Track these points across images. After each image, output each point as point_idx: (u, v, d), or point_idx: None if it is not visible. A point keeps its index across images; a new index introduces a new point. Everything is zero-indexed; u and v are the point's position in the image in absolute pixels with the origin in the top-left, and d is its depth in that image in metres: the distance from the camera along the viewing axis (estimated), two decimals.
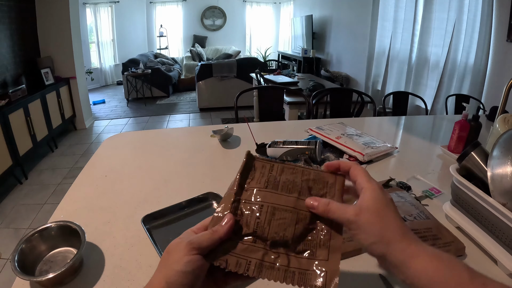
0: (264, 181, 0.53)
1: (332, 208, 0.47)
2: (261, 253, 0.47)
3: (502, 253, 0.83)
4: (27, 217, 3.00)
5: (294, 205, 0.50)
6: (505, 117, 1.35)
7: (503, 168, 0.83)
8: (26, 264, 0.79)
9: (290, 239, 0.48)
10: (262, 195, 0.51)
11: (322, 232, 0.49)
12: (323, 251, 0.47)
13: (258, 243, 0.48)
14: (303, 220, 0.49)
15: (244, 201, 0.51)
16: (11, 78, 4.16)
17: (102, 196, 1.18)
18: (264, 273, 0.46)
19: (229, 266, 0.45)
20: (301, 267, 0.46)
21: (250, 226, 0.48)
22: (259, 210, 0.49)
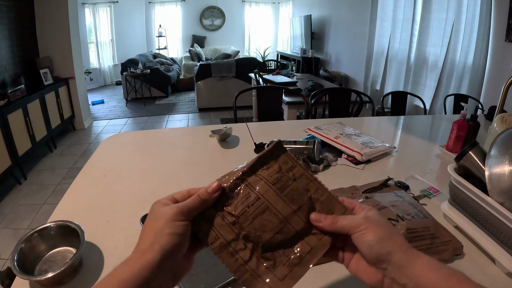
0: (276, 177, 0.51)
1: (340, 218, 0.48)
2: (231, 237, 0.47)
3: (500, 252, 0.84)
4: (26, 217, 3.00)
5: (286, 216, 0.49)
6: (503, 117, 1.35)
7: (501, 168, 0.83)
8: (25, 263, 0.79)
9: (263, 242, 0.48)
10: (265, 189, 0.49)
11: (294, 254, 0.49)
12: (283, 270, 0.48)
13: (235, 227, 0.48)
14: (285, 233, 0.49)
15: (247, 184, 0.50)
16: (10, 78, 4.15)
17: (101, 196, 1.18)
18: (223, 255, 0.47)
19: (199, 231, 0.47)
20: (256, 271, 0.47)
21: (237, 209, 0.48)
22: (253, 201, 0.49)
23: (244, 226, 0.48)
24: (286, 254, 0.49)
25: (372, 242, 0.44)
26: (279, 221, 0.48)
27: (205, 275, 0.80)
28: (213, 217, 0.48)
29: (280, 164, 0.52)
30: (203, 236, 0.47)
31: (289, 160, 0.53)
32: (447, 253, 0.86)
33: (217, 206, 0.49)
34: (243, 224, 0.48)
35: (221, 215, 0.48)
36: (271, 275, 0.47)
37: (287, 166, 0.52)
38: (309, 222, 0.50)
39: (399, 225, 0.86)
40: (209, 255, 0.87)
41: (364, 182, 1.23)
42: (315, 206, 0.51)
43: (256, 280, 0.47)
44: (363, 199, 1.01)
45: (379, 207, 0.94)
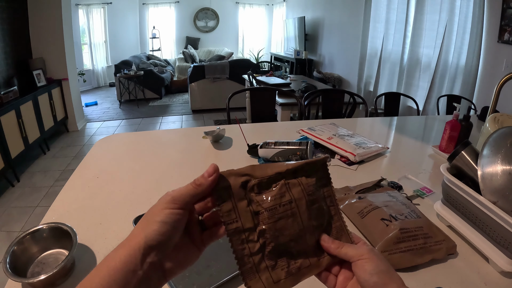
0: (311, 190, 0.51)
1: (346, 245, 0.50)
2: (248, 226, 0.47)
3: (493, 251, 0.84)
4: (19, 219, 2.98)
5: (305, 228, 0.49)
6: (495, 117, 1.37)
7: (493, 167, 0.84)
8: (18, 266, 0.78)
9: (275, 244, 0.48)
10: (300, 196, 0.49)
11: (294, 265, 0.49)
12: (280, 275, 0.48)
13: (256, 218, 0.47)
14: (298, 243, 0.49)
15: (286, 183, 0.49)
16: (3, 80, 4.13)
17: (94, 198, 1.17)
18: (234, 239, 0.46)
19: (222, 206, 0.46)
20: (257, 266, 0.48)
21: (267, 203, 0.48)
22: (286, 203, 0.48)
23: (266, 222, 0.47)
24: (288, 261, 0.49)
25: (373, 271, 0.46)
26: (299, 231, 0.49)
27: (198, 276, 0.80)
28: (240, 198, 0.47)
29: (318, 178, 0.52)
30: (223, 213, 0.46)
31: (325, 178, 0.54)
32: (440, 252, 0.86)
33: (248, 189, 0.48)
34: (267, 219, 0.47)
35: (248, 201, 0.48)
36: (267, 275, 0.48)
37: (322, 183, 0.53)
38: (317, 242, 0.51)
39: (392, 225, 0.86)
40: (202, 257, 0.87)
41: (357, 182, 1.23)
42: (330, 230, 0.52)
43: (253, 275, 0.47)
44: (356, 200, 1.02)
45: (372, 207, 0.94)
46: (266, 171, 0.49)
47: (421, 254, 0.84)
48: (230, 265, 0.84)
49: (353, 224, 0.99)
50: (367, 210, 0.93)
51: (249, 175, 0.48)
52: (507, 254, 0.81)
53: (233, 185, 0.47)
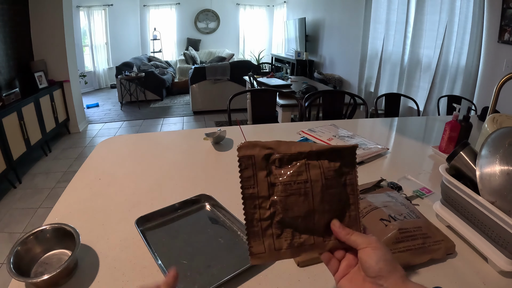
0: (331, 174, 0.53)
1: (356, 233, 0.53)
2: (263, 194, 0.51)
3: (492, 251, 0.85)
4: (21, 221, 2.99)
5: (315, 209, 0.52)
6: (494, 117, 1.37)
7: (492, 167, 0.84)
8: (21, 266, 0.79)
9: (283, 216, 0.51)
10: (317, 178, 0.52)
11: (298, 239, 0.53)
12: (282, 244, 0.52)
13: (271, 189, 0.51)
14: (305, 221, 0.52)
15: (307, 163, 0.52)
16: (5, 82, 4.14)
17: (96, 199, 1.18)
18: (248, 203, 0.51)
19: (244, 171, 0.51)
20: (263, 231, 0.52)
21: (284, 178, 0.51)
22: (301, 181, 0.51)
23: (278, 194, 0.51)
24: (293, 235, 0.52)
25: (379, 259, 0.49)
26: (307, 210, 0.51)
27: (199, 277, 0.81)
28: (261, 168, 0.51)
29: (342, 165, 0.54)
30: (243, 178, 0.51)
31: (350, 167, 0.55)
32: (439, 252, 0.86)
33: (270, 162, 0.52)
34: (280, 192, 0.51)
35: (268, 172, 0.51)
36: (271, 241, 0.52)
37: (345, 170, 0.55)
38: (327, 224, 0.54)
39: (391, 225, 0.87)
40: (204, 256, 0.88)
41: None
42: (342, 217, 0.55)
43: (258, 238, 0.51)
44: None
45: (371, 207, 0.94)
46: (290, 149, 0.52)
47: (420, 254, 0.85)
48: (230, 265, 0.84)
49: None
50: (367, 210, 0.94)
51: (273, 149, 0.52)
52: (506, 254, 0.81)
53: (256, 155, 0.51)
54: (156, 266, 0.84)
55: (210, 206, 1.11)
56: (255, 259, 0.51)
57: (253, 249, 0.51)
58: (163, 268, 0.82)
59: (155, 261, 0.85)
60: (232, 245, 0.93)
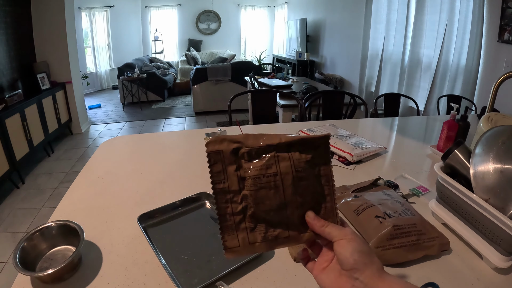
0: (302, 166, 0.52)
1: (331, 225, 0.52)
2: (234, 188, 0.51)
3: (486, 248, 0.86)
4: (24, 221, 3.01)
5: (288, 202, 0.51)
6: (489, 116, 1.39)
7: (485, 165, 0.86)
8: (27, 261, 0.81)
9: (255, 210, 0.51)
10: (287, 171, 0.51)
11: (272, 233, 0.52)
12: (256, 238, 0.52)
13: (241, 183, 0.51)
14: (277, 215, 0.52)
15: (276, 155, 0.51)
16: (8, 83, 4.16)
17: (100, 197, 1.21)
18: (219, 197, 0.51)
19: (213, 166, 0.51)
20: (237, 225, 0.51)
21: (253, 171, 0.50)
22: (270, 174, 0.50)
23: (248, 188, 0.50)
24: (266, 228, 0.52)
25: (354, 251, 0.47)
26: (279, 203, 0.51)
27: (199, 271, 0.83)
28: (230, 163, 0.51)
29: (315, 156, 0.53)
30: (213, 173, 0.51)
31: (324, 157, 0.54)
32: (433, 248, 0.88)
33: (239, 156, 0.51)
34: (249, 186, 0.50)
35: (237, 166, 0.51)
36: (245, 235, 0.51)
37: (319, 161, 0.54)
38: (302, 217, 0.53)
39: (386, 222, 0.88)
40: (203, 252, 0.90)
41: (355, 182, 1.26)
42: (318, 209, 0.54)
43: (232, 232, 0.51)
44: (352, 198, 1.04)
45: (367, 205, 0.96)
46: (258, 142, 0.51)
47: (414, 250, 0.87)
48: (229, 260, 0.86)
49: (348, 222, 1.01)
50: (362, 208, 0.96)
51: (242, 143, 0.51)
52: (500, 251, 0.83)
53: (225, 150, 0.50)
54: (158, 261, 0.86)
55: (210, 204, 1.14)
56: (230, 253, 0.51)
57: (227, 243, 0.51)
58: (165, 265, 0.84)
59: (156, 257, 0.87)
60: None
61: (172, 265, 0.85)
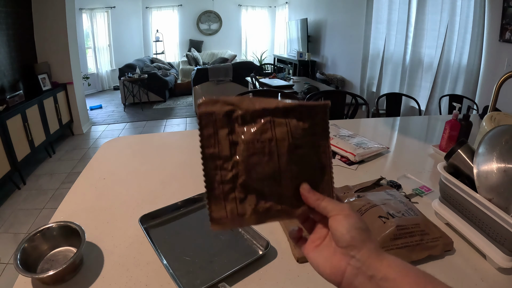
0: (300, 133, 0.48)
1: (327, 199, 0.48)
2: (225, 154, 0.46)
3: (490, 248, 0.86)
4: (26, 222, 3.01)
5: (281, 172, 0.47)
6: (492, 115, 1.38)
7: (489, 165, 0.85)
8: (28, 262, 0.81)
9: (247, 178, 0.47)
10: (283, 137, 0.47)
11: (263, 205, 0.48)
12: (246, 210, 0.48)
13: (233, 148, 0.46)
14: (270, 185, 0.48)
15: (272, 120, 0.47)
16: (9, 84, 4.17)
17: (101, 198, 1.20)
18: (208, 164, 0.46)
19: (204, 129, 0.46)
20: (225, 195, 0.47)
21: (247, 135, 0.46)
22: (265, 140, 0.46)
23: (240, 154, 0.46)
24: (257, 199, 0.48)
25: (351, 227, 0.44)
26: (273, 171, 0.47)
27: (201, 272, 0.83)
28: (222, 126, 0.46)
29: (313, 124, 0.49)
30: (203, 137, 0.46)
31: (322, 127, 0.50)
32: (437, 248, 0.88)
33: (232, 119, 0.47)
34: (242, 152, 0.46)
35: (230, 130, 0.47)
36: (233, 206, 0.47)
37: (316, 130, 0.49)
38: (296, 189, 0.49)
39: (389, 222, 0.88)
40: (205, 253, 0.90)
41: (357, 182, 1.25)
42: (313, 181, 0.50)
43: (219, 202, 0.47)
44: (355, 198, 1.04)
45: (370, 205, 0.96)
46: (254, 105, 0.47)
47: (418, 251, 0.86)
48: (232, 261, 0.86)
49: None
50: (365, 208, 0.96)
51: (236, 106, 0.47)
52: (504, 251, 0.82)
53: (217, 112, 0.46)
54: (159, 262, 0.86)
55: None
56: (216, 225, 0.47)
57: (214, 214, 0.47)
58: (167, 266, 0.84)
59: (158, 258, 0.87)
60: (233, 242, 0.95)
61: (174, 266, 0.84)
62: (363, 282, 0.43)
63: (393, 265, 0.42)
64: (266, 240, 0.91)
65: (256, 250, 0.92)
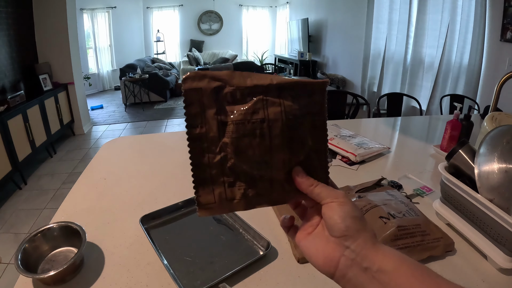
0: (295, 113, 0.44)
1: (321, 184, 0.45)
2: (212, 135, 0.43)
3: (491, 248, 0.86)
4: (27, 222, 3.01)
5: (273, 155, 0.44)
6: (493, 115, 1.38)
7: (490, 165, 0.85)
8: (28, 263, 0.81)
9: (235, 162, 0.44)
10: (276, 118, 0.43)
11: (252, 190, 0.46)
12: (235, 194, 0.46)
13: (222, 129, 0.43)
14: (260, 169, 0.45)
15: (264, 99, 0.43)
16: (10, 84, 4.18)
17: (102, 198, 1.20)
18: (194, 145, 0.45)
19: (190, 107, 0.43)
20: (213, 178, 0.45)
21: (236, 115, 0.43)
22: (256, 120, 0.42)
23: (229, 135, 0.43)
24: (247, 183, 0.45)
25: (346, 215, 0.42)
26: (264, 155, 0.44)
27: (201, 272, 0.83)
28: (210, 104, 0.43)
29: (309, 104, 0.45)
30: (188, 115, 0.43)
31: (319, 107, 0.46)
32: (438, 249, 0.88)
33: (221, 96, 0.43)
34: (231, 133, 0.43)
35: (218, 109, 0.43)
36: (221, 189, 0.45)
37: (312, 110, 0.46)
38: (288, 173, 0.46)
39: (390, 222, 0.88)
40: (207, 253, 0.90)
41: (358, 182, 1.25)
42: (307, 165, 0.46)
43: (208, 186, 0.45)
44: (356, 198, 1.04)
45: (371, 205, 0.96)
46: (245, 81, 0.43)
47: (419, 251, 0.86)
48: (232, 262, 0.86)
49: None
50: (366, 208, 0.95)
51: (225, 82, 0.43)
52: (505, 251, 0.82)
53: (204, 88, 0.42)
54: (160, 262, 0.86)
55: None
56: (203, 211, 0.45)
57: (201, 199, 0.45)
58: (168, 267, 0.84)
59: (159, 258, 0.87)
60: (234, 243, 0.95)
61: (174, 267, 0.84)
62: (357, 274, 0.41)
63: (388, 256, 0.40)
64: (266, 241, 0.91)
65: (256, 250, 0.91)
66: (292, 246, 0.92)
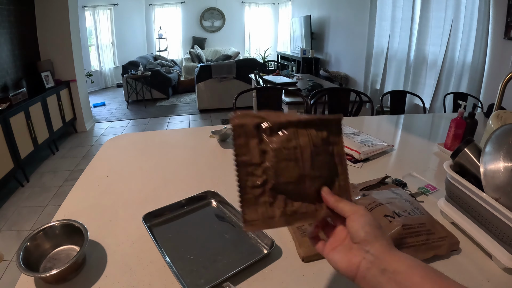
0: (319, 143, 0.55)
1: (344, 201, 0.54)
2: (255, 161, 0.52)
3: (496, 248, 0.85)
4: (29, 219, 3.02)
5: (306, 175, 0.54)
6: (499, 114, 1.37)
7: (496, 164, 0.84)
8: (30, 261, 0.81)
9: (276, 183, 0.53)
10: (306, 145, 0.53)
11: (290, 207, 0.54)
12: (275, 212, 0.53)
13: (263, 156, 0.53)
14: (296, 188, 0.54)
15: (295, 131, 0.53)
16: (12, 82, 4.18)
17: (104, 196, 1.20)
18: (241, 170, 0.52)
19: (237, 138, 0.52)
20: (257, 199, 0.53)
21: (275, 144, 0.52)
22: (291, 147, 0.53)
23: (270, 160, 0.52)
24: (286, 202, 0.54)
25: (365, 224, 0.50)
26: (299, 175, 0.53)
27: (205, 271, 0.82)
28: (252, 136, 0.52)
29: (329, 135, 0.57)
30: (236, 146, 0.52)
31: (337, 136, 0.58)
32: (443, 248, 0.87)
33: (261, 130, 0.53)
34: (271, 158, 0.52)
35: (259, 140, 0.53)
36: (264, 209, 0.53)
37: (332, 140, 0.57)
38: (318, 192, 0.55)
39: (395, 221, 0.87)
40: (210, 251, 0.89)
41: (362, 180, 1.24)
42: (332, 185, 0.57)
43: (252, 206, 0.53)
44: (360, 197, 1.03)
45: (375, 204, 0.95)
46: (280, 118, 0.53)
47: (424, 250, 0.85)
48: (236, 260, 0.85)
49: None
50: (371, 206, 0.95)
51: (264, 119, 0.53)
52: (510, 251, 0.81)
53: (248, 124, 0.52)
54: (163, 260, 0.85)
55: (216, 203, 1.13)
56: (249, 226, 0.52)
57: (247, 216, 0.52)
58: (171, 265, 0.83)
59: (162, 256, 0.86)
60: (237, 241, 0.94)
61: (177, 265, 0.84)
62: (376, 275, 0.47)
63: (403, 259, 0.47)
64: (271, 239, 0.90)
65: (261, 249, 0.91)
66: (297, 244, 0.91)
